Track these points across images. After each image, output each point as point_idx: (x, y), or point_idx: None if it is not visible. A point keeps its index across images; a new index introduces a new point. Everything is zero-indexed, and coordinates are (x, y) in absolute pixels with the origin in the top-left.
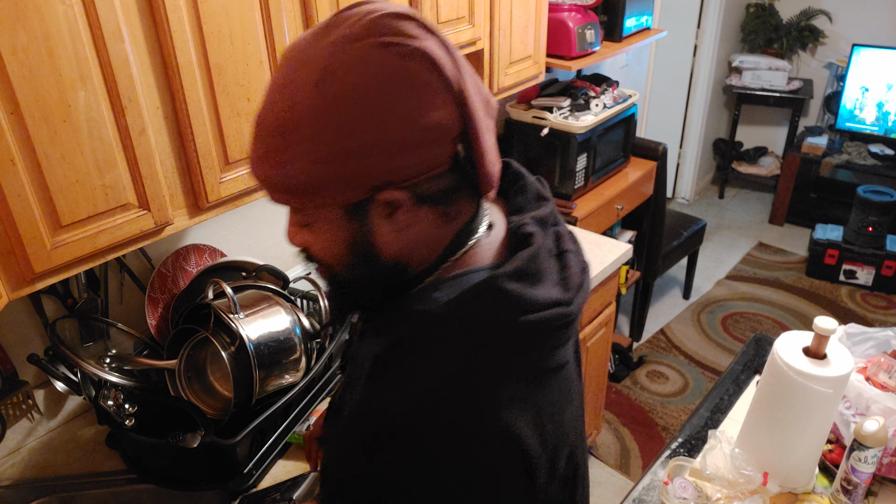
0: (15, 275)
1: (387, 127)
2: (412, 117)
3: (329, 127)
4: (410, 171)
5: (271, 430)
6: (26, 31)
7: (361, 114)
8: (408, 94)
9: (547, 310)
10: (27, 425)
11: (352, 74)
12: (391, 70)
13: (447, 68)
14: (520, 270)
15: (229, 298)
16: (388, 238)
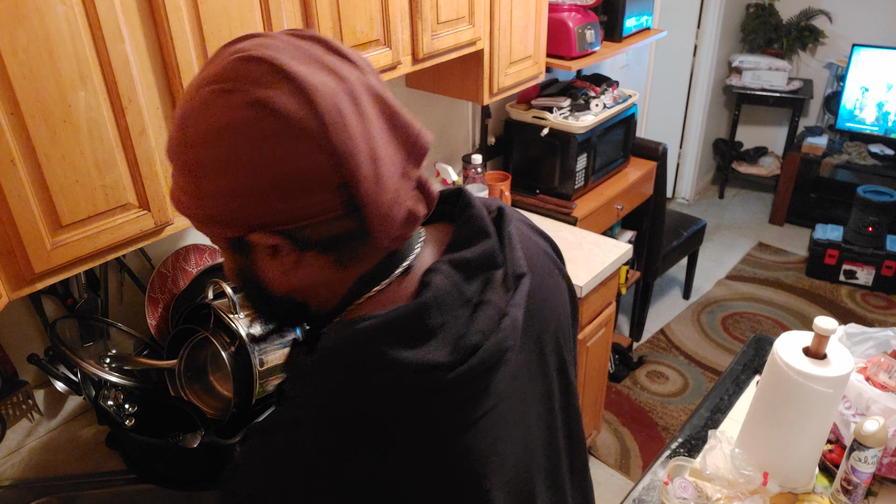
0: (15, 275)
1: (240, 173)
2: (264, 165)
3: (192, 166)
4: (282, 217)
5: None
6: (26, 31)
7: (214, 158)
8: (253, 143)
9: (423, 373)
10: (27, 425)
11: (200, 119)
12: (230, 118)
13: (300, 117)
14: (392, 326)
15: (229, 298)
16: (273, 275)
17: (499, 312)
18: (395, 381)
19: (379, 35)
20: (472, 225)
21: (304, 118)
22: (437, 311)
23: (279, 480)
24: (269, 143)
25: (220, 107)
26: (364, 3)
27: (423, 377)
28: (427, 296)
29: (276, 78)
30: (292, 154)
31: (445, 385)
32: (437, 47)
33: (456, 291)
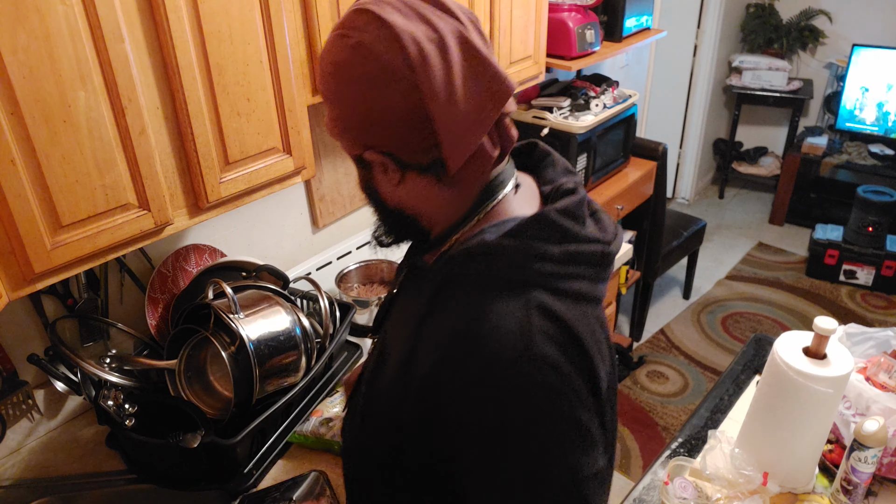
0: (15, 275)
1: (346, 104)
2: (361, 100)
3: (323, 94)
4: (382, 142)
5: (271, 430)
6: (26, 31)
7: (332, 90)
8: (353, 79)
9: (591, 243)
10: (27, 425)
11: (326, 57)
12: (339, 58)
13: (389, 60)
14: (567, 209)
15: (229, 298)
16: (386, 188)
17: (611, 220)
18: (579, 250)
19: None
20: (559, 164)
21: (394, 61)
22: (584, 207)
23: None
24: (365, 80)
25: (335, 48)
26: None
27: (595, 247)
28: (580, 194)
29: (375, 26)
30: (383, 91)
31: (608, 257)
32: None
33: (579, 198)
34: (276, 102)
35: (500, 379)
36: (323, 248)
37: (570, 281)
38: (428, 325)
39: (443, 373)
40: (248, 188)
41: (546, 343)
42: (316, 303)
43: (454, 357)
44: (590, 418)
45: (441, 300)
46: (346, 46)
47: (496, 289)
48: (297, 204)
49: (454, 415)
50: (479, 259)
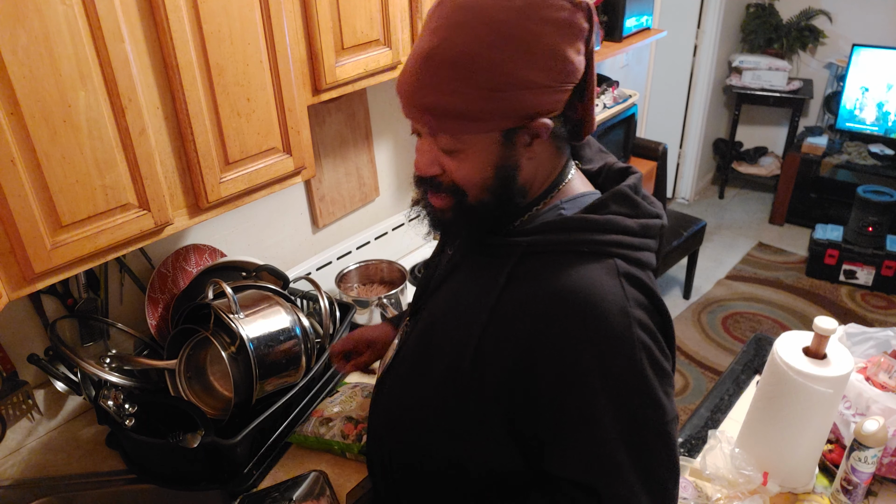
0: (15, 275)
1: (541, 68)
2: (558, 61)
3: (502, 61)
4: (548, 108)
5: (271, 430)
6: (26, 31)
7: (495, 56)
8: (556, 40)
9: (655, 218)
10: (27, 425)
11: (480, 16)
12: (503, 17)
13: (578, 24)
14: (636, 187)
15: (229, 298)
16: (523, 163)
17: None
18: (649, 224)
19: (379, 35)
20: (592, 144)
21: (580, 25)
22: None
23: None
24: (551, 31)
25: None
26: (364, 3)
27: (657, 221)
28: (637, 173)
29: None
30: (575, 49)
31: (664, 228)
32: None
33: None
34: (276, 102)
35: (603, 331)
36: (323, 248)
37: (642, 252)
38: (510, 292)
39: (541, 328)
40: (248, 188)
41: (636, 306)
42: (316, 303)
43: (555, 314)
44: (670, 370)
45: (525, 270)
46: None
47: (584, 257)
48: (297, 204)
49: (555, 366)
50: (563, 232)
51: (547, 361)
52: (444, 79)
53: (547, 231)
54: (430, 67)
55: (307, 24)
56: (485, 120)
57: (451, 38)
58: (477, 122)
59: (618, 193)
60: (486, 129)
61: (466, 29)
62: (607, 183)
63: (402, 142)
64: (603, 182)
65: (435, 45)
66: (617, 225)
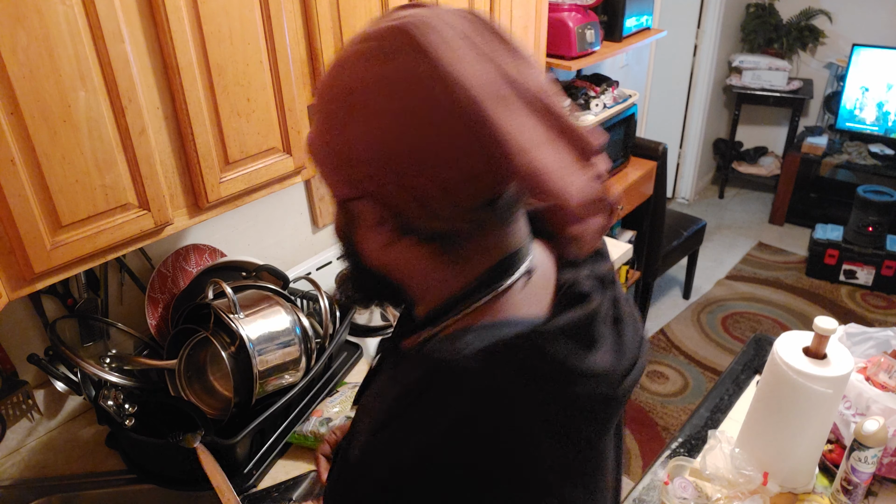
0: (15, 275)
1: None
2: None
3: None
4: (390, 194)
5: (271, 430)
6: (26, 31)
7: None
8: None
9: (595, 383)
10: (27, 425)
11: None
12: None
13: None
14: (568, 331)
15: (229, 298)
16: (370, 246)
17: (637, 329)
18: (564, 388)
19: None
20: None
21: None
22: (598, 323)
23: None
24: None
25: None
26: (364, 3)
27: (598, 389)
28: (592, 305)
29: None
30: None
31: (614, 396)
32: None
33: (606, 303)
34: (276, 102)
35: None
36: (323, 248)
37: (550, 428)
38: (381, 435)
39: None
40: (248, 188)
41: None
42: (316, 303)
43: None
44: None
45: (402, 410)
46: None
47: (456, 418)
48: (297, 204)
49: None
50: (447, 377)
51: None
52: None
53: (432, 366)
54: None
55: (307, 24)
56: (328, 171)
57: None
58: (322, 174)
59: (527, 342)
60: (328, 183)
61: (332, 62)
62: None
63: None
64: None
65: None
66: (511, 392)
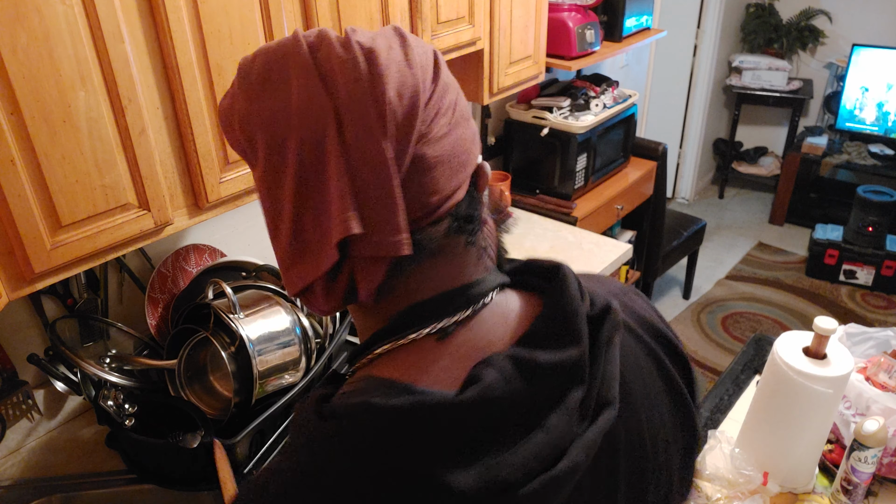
0: (15, 275)
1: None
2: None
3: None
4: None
5: (271, 430)
6: (26, 31)
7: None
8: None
9: (434, 495)
10: (27, 425)
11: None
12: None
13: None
14: (414, 415)
15: (229, 298)
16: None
17: (556, 448)
18: (396, 490)
19: None
20: (559, 319)
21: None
22: (477, 419)
23: None
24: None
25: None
26: (364, 3)
27: (433, 499)
28: (468, 395)
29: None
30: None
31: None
32: (437, 47)
33: (509, 401)
34: None
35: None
36: None
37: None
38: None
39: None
40: (248, 188)
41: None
42: None
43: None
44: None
45: (286, 444)
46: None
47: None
48: None
49: None
50: (315, 427)
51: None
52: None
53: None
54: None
55: (307, 24)
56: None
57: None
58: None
59: (421, 409)
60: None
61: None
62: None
63: None
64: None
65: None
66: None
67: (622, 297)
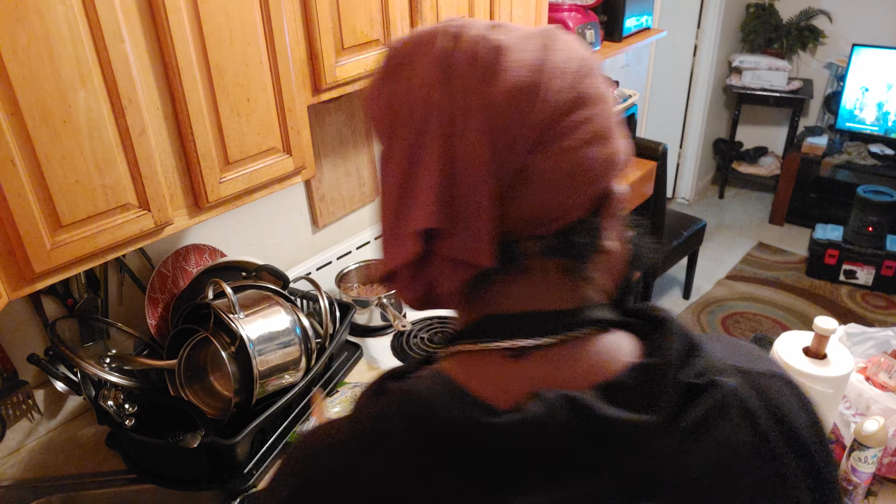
0: (15, 275)
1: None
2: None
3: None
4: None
5: (271, 430)
6: (26, 31)
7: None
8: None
9: None
10: (27, 425)
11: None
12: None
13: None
14: (453, 427)
15: (229, 298)
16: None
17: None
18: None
19: (379, 35)
20: (646, 376)
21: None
22: (497, 445)
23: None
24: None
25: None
26: (364, 3)
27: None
28: (500, 419)
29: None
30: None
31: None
32: None
33: (541, 441)
34: (276, 102)
35: None
36: (323, 248)
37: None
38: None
39: None
40: (248, 188)
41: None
42: (316, 303)
43: None
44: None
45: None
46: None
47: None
48: (297, 204)
49: None
50: (376, 410)
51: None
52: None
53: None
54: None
55: (307, 24)
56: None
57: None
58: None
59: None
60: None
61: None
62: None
63: None
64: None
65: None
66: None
67: (760, 381)
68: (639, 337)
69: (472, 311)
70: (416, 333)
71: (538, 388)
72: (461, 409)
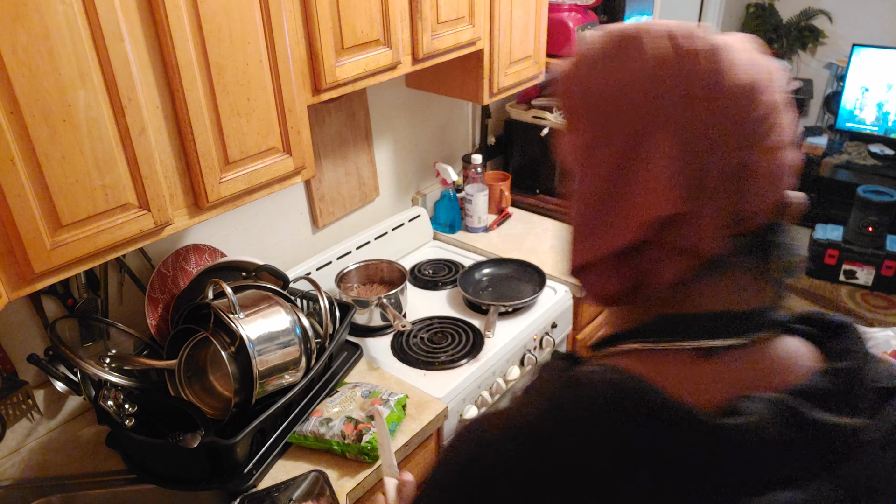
0: (15, 275)
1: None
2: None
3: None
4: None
5: (271, 430)
6: (26, 30)
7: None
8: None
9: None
10: (27, 425)
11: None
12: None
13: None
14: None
15: (229, 298)
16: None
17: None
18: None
19: (379, 35)
20: (843, 380)
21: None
22: (724, 449)
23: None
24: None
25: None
26: (364, 3)
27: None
28: (728, 421)
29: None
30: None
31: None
32: (437, 47)
33: (765, 443)
34: (276, 102)
35: None
36: (323, 248)
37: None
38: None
39: None
40: (248, 188)
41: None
42: (316, 303)
43: None
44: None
45: (516, 400)
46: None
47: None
48: (297, 204)
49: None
50: (550, 400)
51: None
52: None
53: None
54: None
55: (307, 24)
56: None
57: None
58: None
59: (665, 425)
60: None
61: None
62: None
63: (401, 142)
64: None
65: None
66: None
67: None
68: (811, 341)
69: (642, 311)
70: (416, 333)
71: (737, 390)
72: (673, 407)
